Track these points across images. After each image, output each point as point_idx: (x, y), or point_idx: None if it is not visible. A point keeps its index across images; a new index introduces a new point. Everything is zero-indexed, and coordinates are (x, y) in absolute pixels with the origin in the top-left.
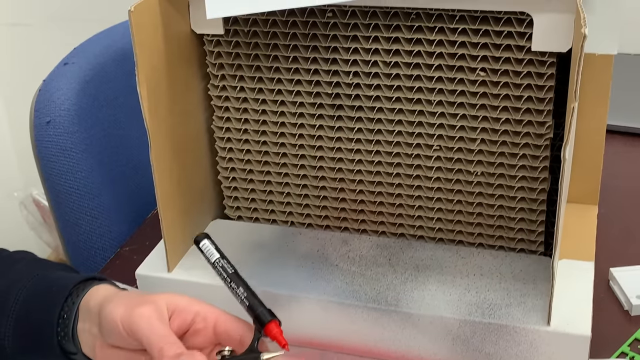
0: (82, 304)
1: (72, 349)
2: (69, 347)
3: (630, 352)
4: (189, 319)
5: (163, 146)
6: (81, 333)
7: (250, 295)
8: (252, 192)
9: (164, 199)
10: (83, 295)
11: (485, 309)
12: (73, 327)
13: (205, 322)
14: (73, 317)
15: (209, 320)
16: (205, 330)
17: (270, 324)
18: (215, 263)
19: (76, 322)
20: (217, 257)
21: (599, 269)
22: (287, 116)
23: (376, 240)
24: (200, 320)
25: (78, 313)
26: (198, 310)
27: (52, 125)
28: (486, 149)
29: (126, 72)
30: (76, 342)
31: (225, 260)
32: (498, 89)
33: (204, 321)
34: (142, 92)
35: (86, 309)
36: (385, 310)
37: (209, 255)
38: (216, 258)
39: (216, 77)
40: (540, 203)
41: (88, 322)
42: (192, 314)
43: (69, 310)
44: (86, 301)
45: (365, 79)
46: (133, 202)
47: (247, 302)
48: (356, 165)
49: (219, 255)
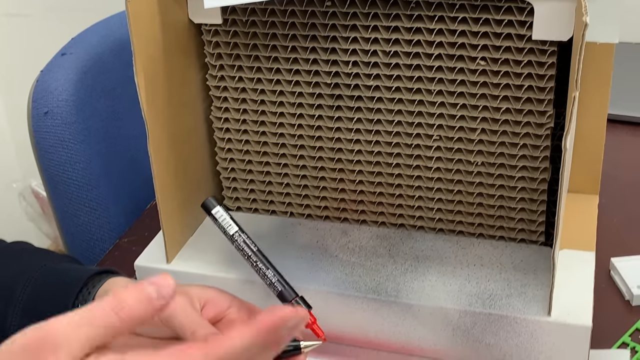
0: (100, 294)
1: None
2: None
3: (631, 342)
4: (224, 308)
5: (161, 137)
6: None
7: (281, 280)
8: (251, 182)
9: (162, 190)
10: (100, 285)
11: (485, 299)
12: None
13: (240, 312)
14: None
15: (243, 311)
16: (240, 320)
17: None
18: (234, 237)
19: None
20: (236, 230)
21: (600, 259)
22: (286, 106)
23: (376, 230)
24: (235, 310)
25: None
26: (231, 300)
27: (50, 115)
28: (486, 138)
29: (124, 63)
30: None
31: (245, 235)
32: (498, 78)
33: (238, 311)
34: (140, 82)
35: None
36: (385, 301)
37: (226, 226)
38: (235, 231)
39: (214, 68)
40: (540, 193)
41: None
42: (225, 303)
43: (83, 300)
44: (104, 291)
45: (365, 68)
46: (132, 193)
47: (280, 287)
48: (356, 155)
49: (238, 227)
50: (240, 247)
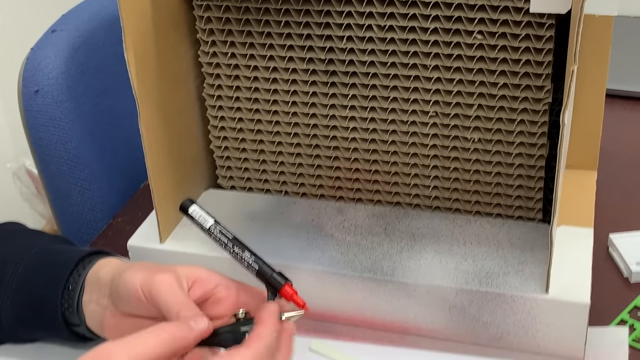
0: (90, 276)
1: (76, 321)
2: (73, 319)
3: (629, 320)
4: (211, 288)
5: (152, 115)
6: (86, 305)
7: (258, 259)
8: (245, 161)
9: (154, 170)
10: (90, 267)
11: (482, 277)
12: (78, 299)
13: (228, 291)
14: (79, 290)
15: (231, 290)
16: (228, 299)
17: (285, 287)
18: (211, 229)
19: (81, 294)
20: (212, 223)
21: (598, 236)
22: (280, 83)
23: (372, 209)
24: (223, 289)
25: (84, 285)
26: (219, 279)
27: (41, 94)
28: (483, 114)
29: (116, 39)
30: (80, 314)
31: (221, 226)
32: (495, 52)
33: (226, 290)
34: (130, 59)
35: (95, 280)
36: (381, 280)
37: (203, 222)
38: (211, 224)
39: (206, 44)
40: (538, 169)
41: (96, 294)
42: (213, 283)
43: (74, 282)
44: (94, 272)
45: (360, 43)
46: (125, 173)
47: (256, 266)
48: (351, 133)
49: (214, 220)
50: (217, 238)
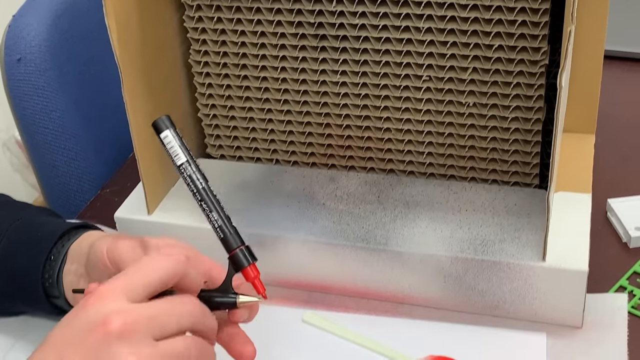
0: (73, 247)
1: (56, 293)
2: (52, 291)
3: (629, 286)
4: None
5: (136, 82)
6: (66, 275)
7: (226, 226)
8: (234, 129)
9: (140, 139)
10: (74, 240)
11: (477, 245)
12: (59, 271)
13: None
14: (60, 261)
15: (205, 265)
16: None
17: (248, 269)
18: (182, 169)
19: (63, 265)
20: (184, 161)
21: (596, 201)
22: (269, 48)
23: (364, 176)
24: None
25: (66, 256)
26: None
27: (23, 62)
28: (478, 78)
29: (100, 6)
30: (60, 286)
31: (194, 168)
32: (490, 13)
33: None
34: (111, 24)
35: (77, 250)
36: (375, 249)
37: (174, 156)
38: (183, 161)
39: (191, 8)
40: (535, 134)
41: (76, 263)
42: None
43: (57, 253)
44: (78, 243)
45: (350, 5)
46: (112, 143)
47: (221, 234)
48: (342, 99)
49: (187, 157)
50: (187, 182)
